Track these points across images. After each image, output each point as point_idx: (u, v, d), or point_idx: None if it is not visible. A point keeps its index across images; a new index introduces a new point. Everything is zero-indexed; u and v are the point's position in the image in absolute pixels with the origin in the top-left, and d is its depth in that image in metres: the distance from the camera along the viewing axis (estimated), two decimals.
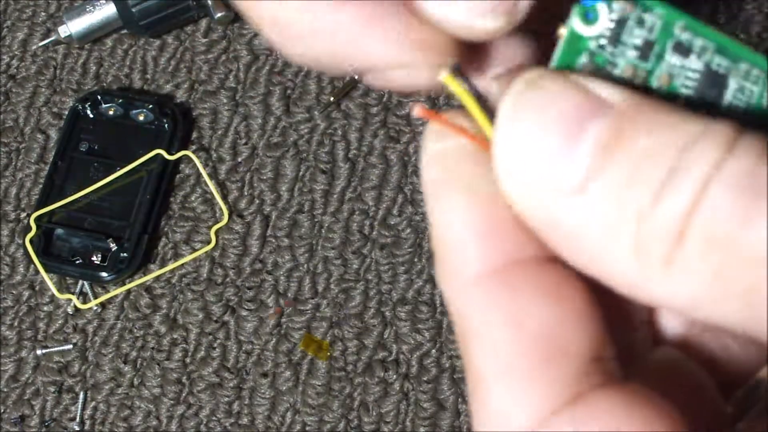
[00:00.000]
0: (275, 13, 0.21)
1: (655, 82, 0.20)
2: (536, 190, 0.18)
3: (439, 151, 0.20)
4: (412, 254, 0.64)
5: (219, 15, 0.68)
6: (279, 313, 0.63)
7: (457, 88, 0.21)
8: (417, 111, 0.20)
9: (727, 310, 0.17)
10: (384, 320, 0.63)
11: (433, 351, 0.62)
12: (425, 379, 0.62)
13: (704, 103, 0.20)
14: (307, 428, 0.61)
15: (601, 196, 0.17)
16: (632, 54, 0.20)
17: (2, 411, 0.63)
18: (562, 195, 0.18)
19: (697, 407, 0.20)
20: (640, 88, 0.20)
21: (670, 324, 0.22)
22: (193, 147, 0.68)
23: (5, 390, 0.63)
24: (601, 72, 0.20)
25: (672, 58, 0.20)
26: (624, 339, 0.21)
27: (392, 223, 0.65)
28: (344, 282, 0.64)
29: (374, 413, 0.61)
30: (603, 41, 0.20)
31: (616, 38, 0.20)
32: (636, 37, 0.20)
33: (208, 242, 0.65)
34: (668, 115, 0.18)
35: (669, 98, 0.20)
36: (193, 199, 0.66)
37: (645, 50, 0.20)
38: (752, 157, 0.16)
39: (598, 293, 0.20)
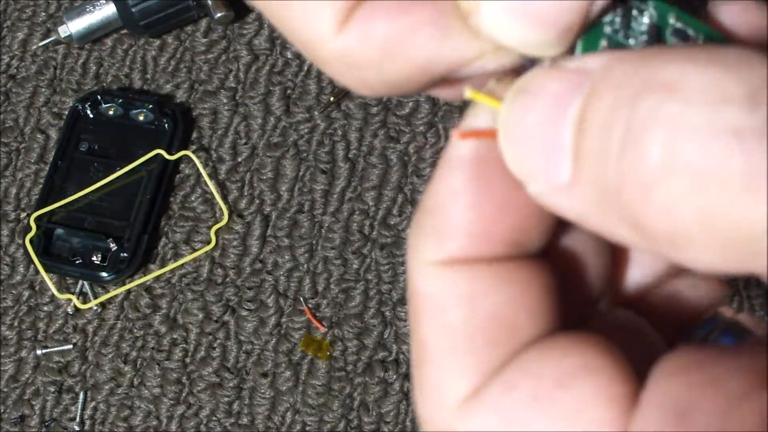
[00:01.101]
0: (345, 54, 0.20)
1: None
2: (536, 184, 0.19)
3: (474, 130, 0.20)
4: None
5: (219, 15, 0.68)
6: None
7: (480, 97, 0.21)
8: (467, 93, 0.20)
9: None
10: (384, 320, 0.63)
11: None
12: None
13: None
14: (307, 428, 0.61)
15: (587, 181, 0.18)
16: (642, 39, 0.21)
17: (2, 411, 0.63)
18: (554, 186, 0.18)
19: (641, 358, 0.21)
20: None
21: (631, 283, 0.24)
22: (193, 147, 0.68)
23: (5, 390, 0.63)
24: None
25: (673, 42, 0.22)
26: (583, 309, 0.22)
27: (392, 223, 0.65)
28: (344, 282, 0.64)
29: (374, 413, 0.61)
30: (616, 26, 0.21)
31: (627, 24, 0.21)
32: (642, 23, 0.21)
33: (208, 242, 0.65)
34: (630, 64, 0.18)
35: None
36: (193, 199, 0.66)
37: (653, 34, 0.21)
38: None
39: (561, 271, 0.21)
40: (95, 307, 0.64)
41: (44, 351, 0.63)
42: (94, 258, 0.64)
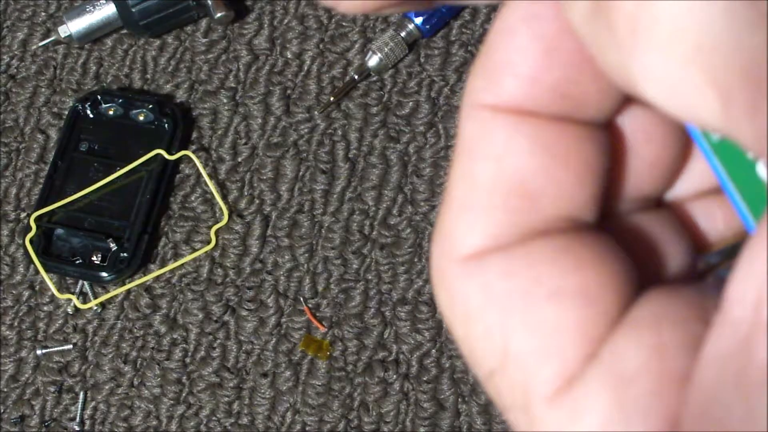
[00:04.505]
0: None
1: None
2: None
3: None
4: (412, 254, 0.64)
5: (219, 15, 0.68)
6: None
7: None
8: None
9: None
10: (384, 320, 0.63)
11: (433, 351, 0.62)
12: (425, 379, 0.62)
13: None
14: (307, 428, 0.61)
15: None
16: None
17: (2, 411, 0.63)
18: None
19: (661, 263, 0.20)
20: None
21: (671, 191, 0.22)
22: (193, 147, 0.68)
23: (5, 390, 0.63)
24: None
25: None
26: (624, 196, 0.21)
27: (392, 223, 0.65)
28: (344, 282, 0.64)
29: (374, 413, 0.61)
30: None
31: None
32: None
33: (208, 242, 0.65)
34: None
35: None
36: (193, 199, 0.66)
37: None
38: None
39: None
40: (95, 307, 0.64)
41: (44, 351, 0.63)
42: (94, 258, 0.64)
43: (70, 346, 0.63)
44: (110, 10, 0.68)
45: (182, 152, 0.66)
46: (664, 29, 0.16)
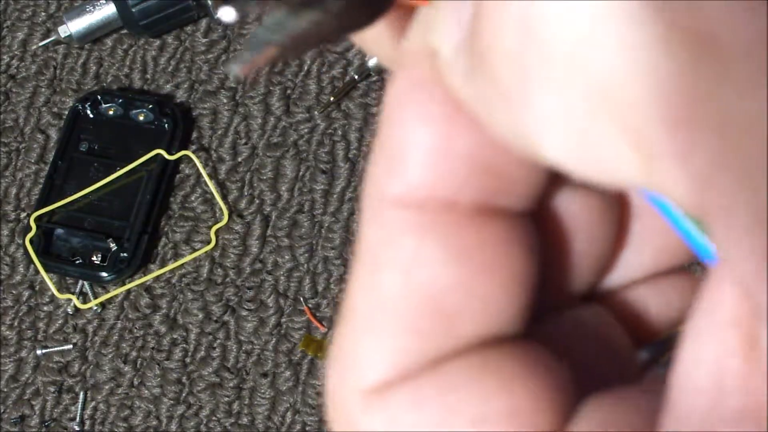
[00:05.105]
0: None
1: None
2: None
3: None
4: None
5: (219, 15, 0.68)
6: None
7: None
8: None
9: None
10: None
11: None
12: None
13: None
14: (307, 428, 0.61)
15: None
16: None
17: (2, 411, 0.63)
18: None
19: (605, 358, 0.18)
20: None
21: (610, 279, 0.19)
22: (193, 147, 0.68)
23: (5, 390, 0.63)
24: None
25: None
26: (553, 296, 0.18)
27: None
28: (344, 282, 0.64)
29: None
30: None
31: None
32: None
33: (208, 242, 0.65)
34: None
35: None
36: (193, 199, 0.66)
37: None
38: None
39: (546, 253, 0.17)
40: (95, 307, 0.64)
41: (44, 351, 0.63)
42: (94, 258, 0.64)
43: (70, 346, 0.63)
44: (110, 10, 0.68)
45: (182, 152, 0.66)
46: (556, 69, 0.12)
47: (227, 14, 0.16)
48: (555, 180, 0.17)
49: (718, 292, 0.12)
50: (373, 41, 0.18)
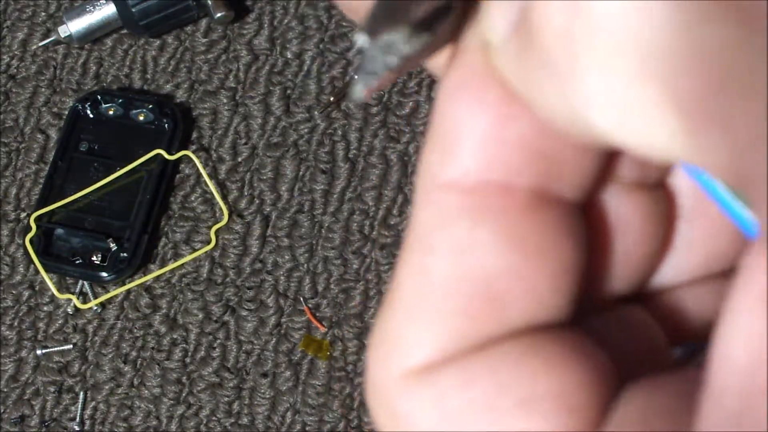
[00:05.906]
0: None
1: None
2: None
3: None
4: None
5: (219, 15, 0.68)
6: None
7: None
8: None
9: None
10: None
11: None
12: None
13: None
14: (307, 428, 0.61)
15: None
16: None
17: (2, 411, 0.63)
18: None
19: (642, 358, 0.18)
20: None
21: (662, 276, 0.19)
22: (193, 147, 0.68)
23: (5, 390, 0.63)
24: None
25: None
26: (593, 294, 0.18)
27: (392, 223, 0.65)
28: (344, 282, 0.64)
29: None
30: None
31: None
32: None
33: (208, 242, 0.65)
34: None
35: None
36: (193, 199, 0.66)
37: None
38: None
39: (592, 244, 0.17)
40: (95, 307, 0.64)
41: (44, 351, 0.63)
42: (94, 258, 0.64)
43: (70, 346, 0.63)
44: (110, 10, 0.68)
45: (182, 152, 0.66)
46: (603, 40, 0.13)
47: (358, 92, 0.16)
48: (605, 177, 0.17)
49: (758, 265, 0.12)
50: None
